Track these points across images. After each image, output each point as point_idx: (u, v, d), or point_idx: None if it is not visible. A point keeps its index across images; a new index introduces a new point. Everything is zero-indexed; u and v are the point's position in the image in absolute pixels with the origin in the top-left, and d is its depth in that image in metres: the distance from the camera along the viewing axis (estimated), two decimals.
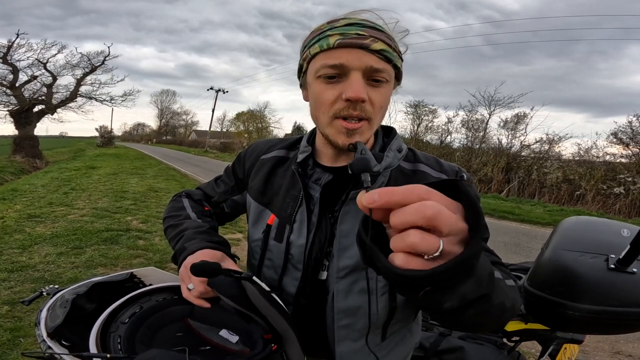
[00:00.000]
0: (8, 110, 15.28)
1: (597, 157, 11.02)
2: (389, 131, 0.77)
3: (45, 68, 16.29)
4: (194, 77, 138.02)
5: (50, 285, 0.74)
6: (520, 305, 0.58)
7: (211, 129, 37.71)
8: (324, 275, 0.70)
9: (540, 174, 10.88)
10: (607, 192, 9.38)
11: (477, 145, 13.17)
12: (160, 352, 0.54)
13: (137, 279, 0.77)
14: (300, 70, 0.71)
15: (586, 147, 11.32)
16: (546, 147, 11.82)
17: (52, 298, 0.69)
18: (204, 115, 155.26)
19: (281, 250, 0.71)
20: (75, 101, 17.48)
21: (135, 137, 70.64)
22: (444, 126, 14.32)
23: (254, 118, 33.74)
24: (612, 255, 0.75)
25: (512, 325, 1.13)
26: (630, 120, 10.26)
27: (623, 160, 10.49)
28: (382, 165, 0.69)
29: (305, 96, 0.71)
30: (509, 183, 11.31)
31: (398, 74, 0.67)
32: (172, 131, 65.61)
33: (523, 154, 12.06)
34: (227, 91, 38.11)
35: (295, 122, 41.27)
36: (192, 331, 0.67)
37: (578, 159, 11.37)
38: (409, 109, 14.92)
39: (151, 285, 0.74)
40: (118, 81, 19.39)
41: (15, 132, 15.69)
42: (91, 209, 5.64)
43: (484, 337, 1.15)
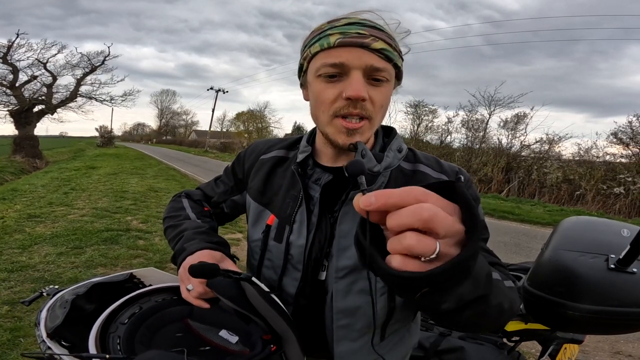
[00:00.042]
0: (8, 110, 15.29)
1: (597, 157, 11.03)
2: (389, 131, 0.77)
3: (45, 68, 16.31)
4: (194, 77, 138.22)
5: (50, 286, 0.74)
6: (519, 306, 0.58)
7: (211, 129, 37.76)
8: (324, 275, 0.70)
9: (540, 174, 10.88)
10: (607, 192, 9.38)
11: (477, 145, 13.17)
12: (159, 353, 0.53)
13: (137, 279, 0.76)
14: (300, 69, 0.70)
15: (586, 147, 11.36)
16: (546, 147, 11.83)
17: (52, 298, 0.69)
18: (204, 115, 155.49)
19: (281, 251, 0.71)
20: (75, 101, 17.50)
21: (135, 137, 70.62)
22: (444, 126, 14.36)
23: (254, 118, 33.71)
24: (612, 255, 0.75)
25: (512, 325, 1.13)
26: (630, 120, 10.29)
27: (623, 160, 10.50)
28: (382, 165, 0.68)
29: (306, 96, 0.71)
30: (509, 183, 11.31)
31: (398, 73, 0.67)
32: (172, 131, 65.60)
33: (523, 154, 12.06)
34: (227, 91, 38.22)
35: (295, 122, 41.32)
36: (192, 331, 0.66)
37: (578, 159, 11.37)
38: (409, 109, 14.95)
39: (151, 285, 0.73)
40: (118, 81, 19.44)
41: (15, 132, 15.69)
42: (91, 209, 5.64)
43: (484, 337, 1.14)
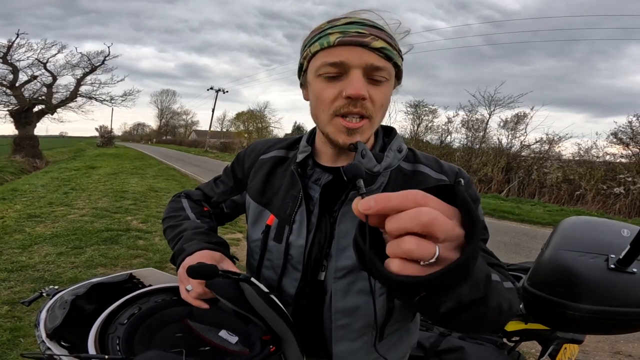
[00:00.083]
0: (8, 110, 15.28)
1: (597, 157, 11.03)
2: (389, 131, 0.77)
3: (45, 68, 16.30)
4: (194, 77, 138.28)
5: (50, 286, 0.74)
6: (518, 307, 0.57)
7: (211, 129, 37.73)
8: (323, 275, 0.70)
9: (540, 174, 10.88)
10: (607, 192, 9.38)
11: (477, 145, 13.17)
12: (158, 354, 0.53)
13: (136, 279, 0.76)
14: (300, 69, 0.70)
15: (586, 147, 11.36)
16: (546, 147, 11.82)
17: (52, 299, 0.68)
18: (204, 115, 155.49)
19: (280, 251, 0.71)
20: (75, 101, 17.49)
21: (135, 137, 70.63)
22: (444, 126, 14.35)
23: (254, 118, 33.72)
24: (612, 255, 0.75)
25: (512, 325, 1.13)
26: (630, 120, 10.29)
27: (623, 160, 10.50)
28: (382, 165, 0.68)
29: (306, 95, 0.71)
30: (509, 183, 11.30)
31: (398, 72, 0.67)
32: (172, 131, 65.61)
33: (523, 154, 12.06)
34: (227, 91, 38.18)
35: (295, 122, 41.35)
36: (192, 332, 0.66)
37: (578, 159, 11.37)
38: (409, 109, 14.96)
39: (150, 286, 0.73)
40: (118, 81, 19.42)
41: (15, 132, 15.68)
42: (91, 208, 5.64)
43: (484, 337, 1.14)
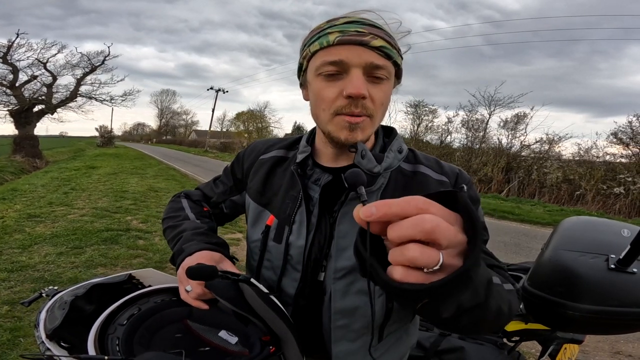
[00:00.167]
0: (8, 110, 15.27)
1: (597, 157, 11.03)
2: (389, 131, 0.77)
3: (45, 68, 16.29)
4: (194, 77, 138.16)
5: (49, 287, 0.74)
6: (518, 308, 0.57)
7: (211, 129, 37.72)
8: (323, 276, 0.70)
9: (540, 174, 10.88)
10: (607, 192, 9.38)
11: (477, 145, 13.17)
12: (157, 354, 0.53)
13: (136, 280, 0.76)
14: (300, 69, 0.70)
15: (586, 147, 11.36)
16: (546, 147, 11.82)
17: (51, 299, 0.68)
18: (204, 115, 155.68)
19: (280, 251, 0.71)
20: (75, 101, 17.47)
21: (135, 137, 70.61)
22: (444, 126, 14.35)
23: (254, 118, 33.71)
24: (613, 256, 0.75)
25: (512, 325, 1.13)
26: (630, 120, 10.29)
27: (623, 160, 10.50)
28: (382, 166, 0.68)
29: (306, 95, 0.71)
30: (509, 183, 11.30)
31: (398, 71, 0.67)
32: (172, 131, 65.60)
33: (523, 154, 12.05)
34: (227, 91, 38.16)
35: (295, 122, 41.36)
36: (191, 332, 0.66)
37: (578, 159, 11.37)
38: (409, 109, 14.96)
39: (150, 286, 0.73)
40: (118, 81, 19.42)
41: (15, 132, 15.68)
42: (91, 208, 5.63)
43: (484, 337, 1.14)
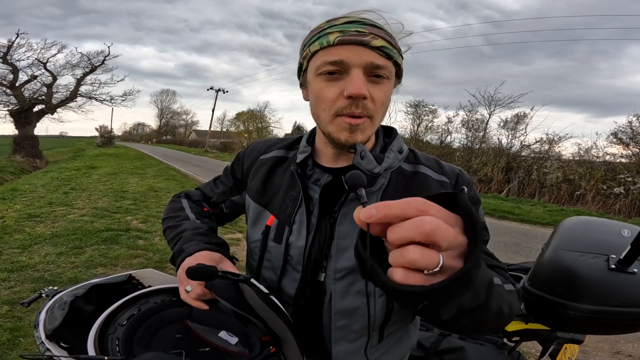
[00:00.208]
0: (8, 110, 15.28)
1: (597, 157, 11.03)
2: (389, 131, 0.77)
3: (45, 68, 16.29)
4: (194, 77, 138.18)
5: (49, 287, 0.74)
6: (519, 309, 0.57)
7: (211, 129, 37.72)
8: (323, 276, 0.70)
9: (540, 174, 10.88)
10: (607, 192, 9.38)
11: (477, 145, 13.16)
12: (157, 355, 0.53)
13: (136, 280, 0.76)
14: (300, 69, 0.70)
15: (586, 147, 11.36)
16: (546, 147, 11.82)
17: (51, 300, 0.68)
18: (204, 115, 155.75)
19: (280, 252, 0.71)
20: (75, 101, 17.48)
21: (135, 137, 70.60)
22: (444, 126, 14.35)
23: (254, 118, 33.70)
24: (613, 256, 0.75)
25: (513, 326, 1.13)
26: (630, 120, 10.29)
27: (623, 160, 10.50)
28: (383, 166, 0.68)
29: (306, 95, 0.71)
30: (509, 183, 11.30)
31: (399, 71, 0.67)
32: (172, 131, 65.61)
33: (523, 154, 12.05)
34: (227, 91, 38.16)
35: (295, 122, 41.38)
36: (191, 333, 0.66)
37: (578, 159, 11.37)
38: (409, 109, 14.95)
39: (150, 287, 0.73)
40: (118, 81, 19.42)
41: (15, 132, 15.68)
42: (91, 208, 5.63)
43: (484, 337, 1.14)
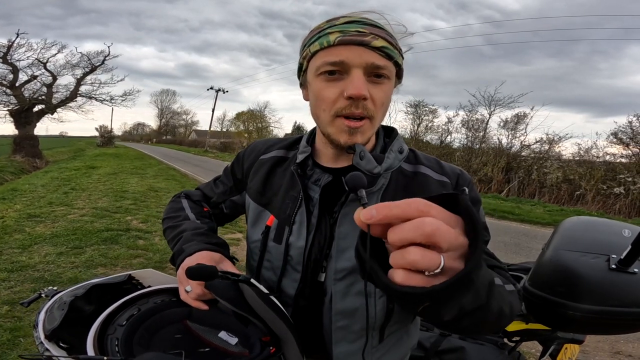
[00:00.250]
0: (8, 110, 15.28)
1: (597, 157, 11.04)
2: (390, 131, 0.76)
3: (45, 68, 16.29)
4: (194, 77, 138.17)
5: (48, 287, 0.74)
6: (519, 309, 0.57)
7: (211, 129, 37.71)
8: (323, 277, 0.70)
9: (540, 174, 10.88)
10: (607, 192, 9.38)
11: (477, 145, 13.17)
12: (156, 355, 0.53)
13: (136, 280, 0.76)
14: (300, 69, 0.70)
15: (586, 147, 11.37)
16: (546, 147, 11.83)
17: (51, 300, 0.68)
18: (204, 115, 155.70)
19: (280, 252, 0.71)
20: (75, 101, 17.49)
21: (135, 137, 70.61)
22: (444, 126, 14.37)
23: (254, 118, 33.71)
24: (614, 256, 0.75)
25: (513, 326, 1.12)
26: (630, 120, 10.30)
27: (623, 160, 10.51)
28: (383, 166, 0.68)
29: (306, 95, 0.71)
30: (509, 183, 11.30)
31: (399, 71, 0.67)
32: (172, 131, 65.61)
33: (523, 154, 12.06)
34: (227, 91, 38.14)
35: (295, 122, 41.45)
36: (191, 333, 0.66)
37: (578, 159, 11.37)
38: (409, 109, 14.97)
39: (149, 287, 0.73)
40: (118, 81, 19.39)
41: (15, 132, 15.68)
42: (91, 208, 5.63)
43: (484, 337, 1.14)
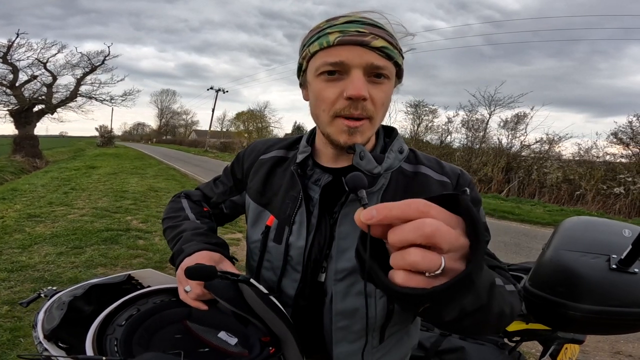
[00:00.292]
0: (8, 110, 15.28)
1: (597, 157, 11.04)
2: (390, 131, 0.76)
3: (45, 68, 16.29)
4: (194, 77, 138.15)
5: (48, 287, 0.74)
6: (520, 309, 0.57)
7: (211, 129, 37.70)
8: (323, 277, 0.69)
9: (540, 174, 10.88)
10: (607, 192, 9.38)
11: (477, 145, 13.17)
12: (156, 355, 0.53)
13: (135, 280, 0.76)
14: (299, 69, 0.70)
15: (586, 147, 11.37)
16: (546, 147, 11.83)
17: (50, 300, 0.68)
18: (204, 115, 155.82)
19: (280, 252, 0.70)
20: (75, 101, 17.49)
21: (135, 137, 70.62)
22: (444, 126, 14.37)
23: (254, 118, 33.72)
24: (614, 256, 0.75)
25: (513, 326, 1.12)
26: (630, 120, 10.30)
27: (623, 160, 10.51)
28: (383, 166, 0.68)
29: (305, 95, 0.71)
30: (509, 183, 11.30)
31: (399, 71, 0.66)
32: (172, 131, 65.61)
33: (523, 154, 12.06)
34: (227, 91, 38.12)
35: (295, 122, 41.50)
36: (191, 333, 0.66)
37: (578, 159, 11.37)
38: (409, 109, 14.97)
39: (149, 287, 0.73)
40: (118, 81, 19.43)
41: (15, 132, 15.68)
42: (91, 208, 5.63)
43: (485, 338, 1.14)
